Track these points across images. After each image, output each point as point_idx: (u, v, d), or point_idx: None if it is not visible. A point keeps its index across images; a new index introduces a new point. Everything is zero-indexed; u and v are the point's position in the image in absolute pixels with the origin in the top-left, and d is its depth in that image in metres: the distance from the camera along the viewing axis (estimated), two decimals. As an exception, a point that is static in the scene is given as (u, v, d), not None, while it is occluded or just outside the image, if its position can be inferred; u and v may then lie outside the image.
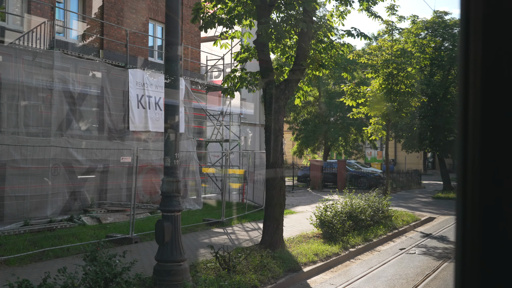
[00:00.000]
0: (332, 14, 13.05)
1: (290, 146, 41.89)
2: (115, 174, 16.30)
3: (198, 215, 16.35)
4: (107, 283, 6.84)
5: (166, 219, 8.13)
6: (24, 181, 13.32)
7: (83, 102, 15.46)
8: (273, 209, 11.24)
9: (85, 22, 16.84)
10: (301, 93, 12.95)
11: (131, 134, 17.07)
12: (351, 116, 20.40)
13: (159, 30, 20.32)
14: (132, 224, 11.93)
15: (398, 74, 18.65)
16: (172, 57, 8.38)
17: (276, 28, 10.75)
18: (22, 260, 9.68)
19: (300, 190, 30.16)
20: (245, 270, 9.02)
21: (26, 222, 12.89)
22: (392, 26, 19.45)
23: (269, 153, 11.49)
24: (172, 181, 8.21)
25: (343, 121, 35.36)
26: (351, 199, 14.79)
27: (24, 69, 13.68)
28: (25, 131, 13.55)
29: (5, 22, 14.37)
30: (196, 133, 20.83)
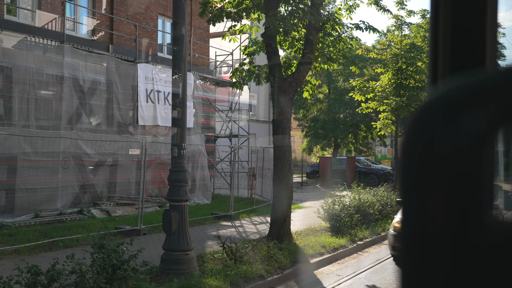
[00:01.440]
0: (340, 8, 13.03)
1: (300, 143, 41.87)
2: (124, 168, 16.43)
3: (206, 209, 16.42)
4: (114, 270, 6.92)
5: (173, 209, 8.19)
6: (34, 173, 13.46)
7: (93, 96, 15.59)
8: (280, 202, 11.27)
9: (94, 18, 16.95)
10: (309, 86, 12.96)
11: (140, 128, 17.18)
12: (360, 111, 20.37)
13: (168, 25, 20.40)
14: (141, 216, 12.03)
15: (407, 69, 18.59)
16: (180, 43, 8.43)
17: (284, 21, 10.78)
18: (32, 249, 9.81)
19: (309, 186, 30.17)
20: (251, 261, 9.08)
21: (36, 214, 13.05)
22: (402, 20, 19.39)
23: (277, 146, 11.52)
24: (179, 170, 8.28)
25: (352, 118, 35.27)
26: (360, 194, 14.79)
27: (35, 63, 13.83)
28: (35, 124, 13.70)
29: (16, 17, 14.52)
30: (205, 128, 20.91)
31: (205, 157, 19.10)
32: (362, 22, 12.20)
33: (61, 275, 6.33)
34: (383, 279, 9.27)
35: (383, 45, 20.50)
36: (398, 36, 19.68)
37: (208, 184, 19.05)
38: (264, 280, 8.48)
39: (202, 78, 20.91)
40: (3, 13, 14.01)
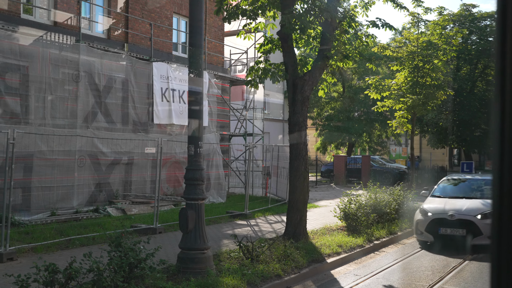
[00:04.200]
0: (356, 5, 12.89)
1: (314, 142, 41.71)
2: (139, 167, 16.46)
3: (221, 207, 16.39)
4: (131, 268, 6.89)
5: (190, 207, 8.15)
6: (50, 172, 13.52)
7: (108, 95, 15.63)
8: (296, 201, 11.20)
9: (110, 17, 16.99)
10: (325, 84, 12.86)
11: (155, 127, 17.20)
12: (375, 109, 20.19)
13: (183, 24, 20.40)
14: (156, 215, 12.03)
15: (424, 67, 18.38)
16: (196, 46, 8.39)
17: (300, 19, 10.68)
18: (48, 248, 9.84)
19: (323, 185, 30.03)
20: (268, 260, 9.01)
21: (52, 212, 13.11)
22: (418, 18, 19.18)
23: (292, 145, 11.44)
24: (195, 169, 8.23)
25: (367, 116, 35.04)
26: (376, 193, 14.64)
27: (51, 62, 13.89)
28: (51, 123, 13.76)
29: (32, 16, 14.59)
30: (219, 127, 20.89)
31: (220, 155, 19.07)
32: (378, 19, 12.05)
33: (79, 273, 6.32)
34: (401, 279, 9.15)
35: (399, 42, 20.29)
36: (415, 34, 19.47)
37: (223, 183, 19.03)
38: (281, 280, 8.40)
39: (217, 76, 20.88)
40: (20, 12, 14.08)
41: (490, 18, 28.50)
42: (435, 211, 11.95)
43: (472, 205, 11.86)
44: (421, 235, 12.12)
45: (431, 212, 11.97)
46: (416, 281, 8.96)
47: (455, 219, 11.42)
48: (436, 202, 12.56)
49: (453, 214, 11.51)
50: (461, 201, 12.30)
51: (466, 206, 11.78)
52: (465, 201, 12.17)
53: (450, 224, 11.47)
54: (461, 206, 11.84)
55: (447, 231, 11.51)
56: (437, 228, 11.64)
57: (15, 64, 13.13)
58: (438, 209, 11.95)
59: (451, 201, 12.36)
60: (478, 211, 11.48)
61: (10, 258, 8.87)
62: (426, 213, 12.00)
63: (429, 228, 11.83)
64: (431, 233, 11.81)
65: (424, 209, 12.20)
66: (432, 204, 12.42)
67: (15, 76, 13.20)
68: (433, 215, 11.83)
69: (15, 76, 13.20)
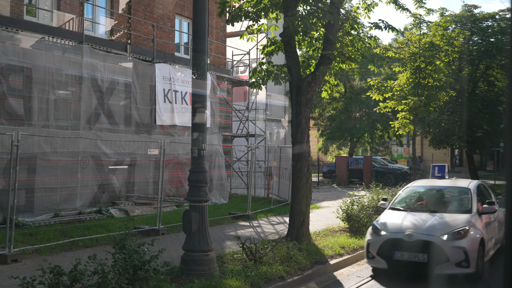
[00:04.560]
0: (359, 7, 12.91)
1: (315, 143, 41.73)
2: (142, 168, 16.50)
3: (224, 208, 16.42)
4: (136, 270, 6.93)
5: (193, 209, 8.17)
6: (54, 173, 13.56)
7: (111, 96, 15.67)
8: (299, 202, 11.22)
9: (113, 18, 17.03)
10: (327, 86, 12.87)
11: (157, 128, 17.24)
12: (377, 110, 20.19)
13: (185, 25, 20.44)
14: (159, 216, 12.05)
15: (426, 68, 18.38)
16: (200, 48, 8.42)
17: (303, 21, 10.71)
18: (52, 249, 9.87)
19: (325, 186, 30.04)
20: (271, 262, 9.03)
21: (56, 214, 13.15)
22: (420, 19, 19.17)
23: (295, 146, 11.47)
24: (199, 171, 8.26)
25: (369, 117, 35.06)
26: (378, 194, 14.65)
27: (54, 63, 13.93)
28: (55, 124, 13.81)
29: (35, 17, 14.63)
30: (222, 128, 20.92)
31: (222, 156, 19.10)
32: (381, 21, 12.07)
33: (84, 275, 6.35)
34: (404, 281, 9.17)
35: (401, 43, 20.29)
36: (417, 35, 19.47)
37: (225, 184, 19.06)
38: (284, 281, 8.43)
39: (219, 77, 20.92)
40: (23, 14, 14.13)
41: (492, 19, 28.50)
42: (389, 229, 9.29)
43: (438, 221, 9.31)
44: (372, 259, 9.40)
45: (385, 230, 9.30)
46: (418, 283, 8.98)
47: (414, 240, 8.78)
48: (394, 216, 9.87)
49: (411, 234, 8.89)
50: (425, 215, 9.67)
51: (430, 223, 9.19)
52: (430, 216, 9.53)
53: (408, 247, 8.82)
54: (424, 223, 9.23)
55: (404, 255, 8.87)
56: (391, 252, 8.99)
57: (18, 65, 13.18)
58: (394, 227, 9.32)
59: (413, 216, 9.72)
60: (445, 230, 8.92)
61: (14, 260, 8.90)
62: (379, 232, 9.33)
63: (382, 251, 9.13)
64: (385, 257, 9.11)
65: (377, 226, 9.53)
66: (388, 219, 9.73)
67: (18, 77, 13.24)
68: (387, 234, 9.18)
69: (18, 78, 13.25)
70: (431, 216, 9.55)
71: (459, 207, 10.16)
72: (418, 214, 9.86)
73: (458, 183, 11.29)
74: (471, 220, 9.28)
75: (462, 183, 11.23)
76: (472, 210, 9.76)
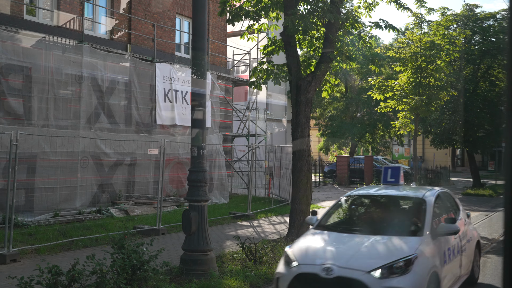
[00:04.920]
0: (360, 6, 12.88)
1: (316, 143, 41.69)
2: (142, 168, 16.47)
3: (224, 208, 16.39)
4: (134, 270, 6.89)
5: (193, 209, 8.14)
6: (53, 173, 13.53)
7: (111, 96, 15.64)
8: (299, 202, 11.19)
9: (113, 18, 17.00)
10: (328, 85, 12.85)
11: (158, 128, 17.21)
12: (378, 110, 20.16)
13: (185, 24, 20.41)
14: (159, 216, 12.02)
15: (427, 67, 18.34)
16: (199, 46, 8.38)
17: (303, 20, 10.68)
18: (52, 249, 9.84)
19: (326, 186, 30.00)
20: (271, 262, 9.00)
21: (55, 214, 13.12)
22: (421, 18, 19.14)
23: (296, 145, 11.44)
24: (199, 171, 8.23)
25: (370, 117, 35.01)
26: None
27: (54, 63, 13.90)
28: (54, 124, 13.78)
29: (35, 17, 14.60)
30: (222, 128, 20.89)
31: (223, 156, 19.07)
32: (382, 20, 12.04)
33: (82, 275, 6.32)
34: (404, 281, 9.11)
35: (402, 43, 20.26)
36: (418, 34, 19.44)
37: (225, 184, 19.02)
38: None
39: (220, 77, 20.89)
40: (23, 13, 14.10)
41: (493, 18, 28.44)
42: (304, 259, 6.46)
43: (373, 248, 6.52)
44: None
45: (298, 260, 6.45)
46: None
47: (333, 277, 6.02)
48: (316, 240, 7.01)
49: (330, 267, 6.08)
50: (358, 238, 6.81)
51: (360, 251, 6.40)
52: (365, 240, 6.69)
53: (325, 286, 6.11)
54: (351, 251, 6.43)
55: None
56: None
57: (18, 65, 13.15)
58: (310, 256, 6.51)
59: (341, 239, 6.96)
60: (379, 262, 6.10)
61: (13, 260, 8.88)
62: (290, 262, 6.51)
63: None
64: None
65: (288, 254, 6.66)
66: (306, 244, 6.85)
67: (18, 77, 13.22)
68: (300, 266, 6.37)
69: (18, 77, 13.22)
70: (366, 239, 6.67)
71: (406, 227, 7.15)
72: (350, 236, 6.94)
73: (412, 191, 8.17)
74: (419, 246, 6.37)
75: (417, 192, 8.00)
76: (424, 231, 6.71)
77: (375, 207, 8.31)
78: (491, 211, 19.85)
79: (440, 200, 7.91)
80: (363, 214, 8.21)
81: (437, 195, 7.77)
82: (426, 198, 7.44)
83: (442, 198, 8.12)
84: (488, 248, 12.28)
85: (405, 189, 8.41)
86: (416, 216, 7.30)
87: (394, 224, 7.34)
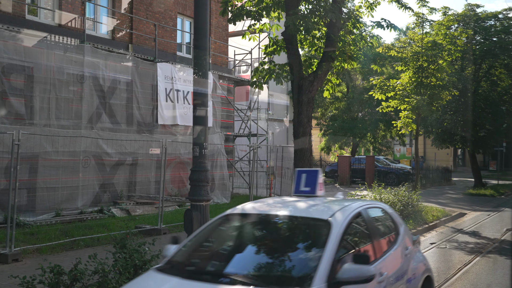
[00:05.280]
0: (361, 6, 12.86)
1: (318, 142, 41.67)
2: (144, 167, 16.47)
3: (225, 208, 16.32)
4: (136, 270, 6.89)
5: (194, 209, 8.13)
6: (55, 173, 13.54)
7: (113, 95, 15.65)
8: (301, 202, 11.15)
9: (115, 18, 17.01)
10: (329, 85, 12.83)
11: (159, 128, 17.21)
12: (380, 110, 20.14)
13: (187, 24, 20.42)
14: (161, 216, 12.02)
15: (428, 67, 18.31)
16: (201, 45, 8.38)
17: (305, 20, 10.67)
18: (53, 248, 9.85)
19: (328, 185, 30.00)
20: (273, 261, 8.94)
21: (57, 213, 13.13)
22: (423, 18, 19.12)
23: (297, 145, 11.42)
24: (200, 170, 8.21)
25: (371, 117, 34.98)
26: (380, 194, 14.61)
27: (56, 62, 13.91)
28: (56, 124, 13.79)
29: (37, 16, 14.62)
30: (223, 127, 20.89)
31: (224, 156, 19.07)
32: (383, 20, 12.02)
33: (84, 275, 6.32)
34: (406, 280, 9.09)
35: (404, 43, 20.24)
36: (419, 34, 19.42)
37: (227, 184, 19.02)
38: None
39: (221, 77, 20.89)
40: (25, 13, 14.11)
41: (495, 18, 28.41)
42: None
43: None
44: None
45: None
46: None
47: None
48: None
49: None
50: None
51: None
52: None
53: None
54: None
55: None
56: None
57: (20, 65, 13.16)
58: None
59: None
60: None
61: (15, 259, 8.88)
62: None
63: None
64: None
65: None
66: None
67: (20, 77, 13.23)
68: None
69: (20, 77, 13.23)
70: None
71: (290, 272, 4.42)
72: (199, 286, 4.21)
73: (319, 209, 5.29)
74: None
75: (324, 210, 5.26)
76: (314, 280, 4.09)
77: (255, 234, 5.28)
78: (493, 211, 19.83)
79: (362, 222, 5.34)
80: (234, 247, 5.08)
81: (355, 215, 5.14)
82: (332, 221, 4.76)
83: (368, 219, 5.45)
84: (490, 248, 12.28)
85: (313, 205, 5.37)
86: (310, 253, 4.61)
87: (273, 266, 4.48)
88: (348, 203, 5.50)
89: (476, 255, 11.30)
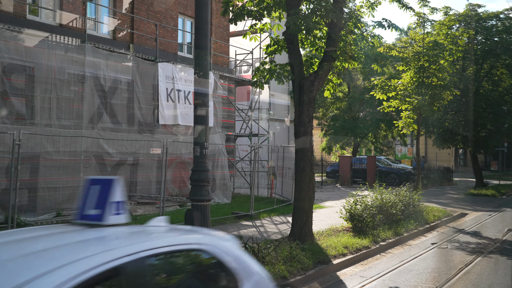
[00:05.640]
0: (362, 5, 12.84)
1: (319, 142, 41.66)
2: (145, 167, 16.46)
3: (226, 208, 16.37)
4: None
5: (195, 208, 8.13)
6: (56, 172, 13.53)
7: (114, 95, 15.64)
8: (302, 202, 11.16)
9: (116, 18, 17.01)
10: (330, 85, 12.81)
11: (160, 128, 17.20)
12: (381, 109, 20.12)
13: (188, 24, 20.41)
14: (162, 216, 11.99)
15: (429, 67, 18.30)
16: (202, 44, 8.38)
17: (306, 20, 10.65)
18: (54, 248, 9.82)
19: (329, 185, 29.97)
20: (274, 261, 8.98)
21: (58, 213, 13.12)
22: (424, 18, 19.10)
23: (298, 145, 11.41)
24: (201, 170, 8.21)
25: (372, 116, 34.96)
26: (381, 194, 14.60)
27: (57, 62, 13.91)
28: (57, 124, 13.78)
29: (38, 16, 14.61)
30: (224, 127, 20.88)
31: (225, 156, 19.05)
32: (384, 19, 12.01)
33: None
34: (407, 281, 9.10)
35: (405, 43, 20.22)
36: (420, 34, 19.40)
37: (228, 184, 19.01)
38: (287, 281, 8.37)
39: (222, 77, 20.87)
40: (26, 13, 14.11)
41: (496, 18, 28.39)
42: None
43: None
44: None
45: None
46: (422, 283, 8.91)
47: None
48: None
49: None
50: None
51: None
52: None
53: None
54: None
55: None
56: None
57: (21, 65, 13.16)
58: None
59: None
60: None
61: (16, 259, 8.86)
62: None
63: None
64: None
65: None
66: None
67: (21, 77, 13.22)
68: None
69: (21, 77, 13.23)
70: None
71: None
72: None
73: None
74: None
75: (18, 270, 2.48)
76: None
77: None
78: (494, 211, 19.80)
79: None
80: None
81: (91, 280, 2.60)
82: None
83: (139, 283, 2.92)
84: (491, 248, 12.26)
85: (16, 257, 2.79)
86: None
87: None
88: (104, 248, 2.89)
89: (478, 255, 11.29)
